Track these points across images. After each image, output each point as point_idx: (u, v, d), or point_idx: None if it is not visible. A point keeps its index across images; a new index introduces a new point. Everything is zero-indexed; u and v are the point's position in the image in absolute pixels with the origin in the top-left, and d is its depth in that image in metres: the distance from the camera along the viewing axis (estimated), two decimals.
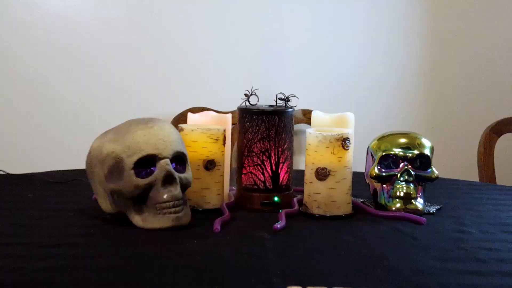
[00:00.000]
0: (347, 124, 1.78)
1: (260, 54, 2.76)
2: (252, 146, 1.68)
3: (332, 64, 2.90)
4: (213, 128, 1.64)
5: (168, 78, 2.74)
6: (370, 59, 2.94)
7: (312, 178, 1.62)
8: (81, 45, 2.65)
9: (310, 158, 1.63)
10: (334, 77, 2.92)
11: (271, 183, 1.69)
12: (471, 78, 3.02)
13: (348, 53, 2.91)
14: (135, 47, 2.71)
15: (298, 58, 2.86)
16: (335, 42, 2.90)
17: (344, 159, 1.62)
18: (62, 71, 2.65)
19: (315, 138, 1.62)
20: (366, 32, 2.91)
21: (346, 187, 1.64)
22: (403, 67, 2.96)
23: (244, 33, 2.75)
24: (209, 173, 1.63)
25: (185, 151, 1.53)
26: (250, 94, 1.73)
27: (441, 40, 2.98)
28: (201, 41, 2.76)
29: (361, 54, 2.92)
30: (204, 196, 1.64)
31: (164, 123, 1.51)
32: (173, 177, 1.47)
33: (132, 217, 1.48)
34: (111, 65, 2.69)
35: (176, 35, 2.74)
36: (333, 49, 2.90)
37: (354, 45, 2.91)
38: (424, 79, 3.00)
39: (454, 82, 3.01)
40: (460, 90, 3.02)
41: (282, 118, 1.68)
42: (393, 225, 1.57)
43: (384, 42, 2.94)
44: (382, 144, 1.72)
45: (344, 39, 2.90)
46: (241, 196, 1.71)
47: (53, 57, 2.64)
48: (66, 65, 2.65)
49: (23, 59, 2.60)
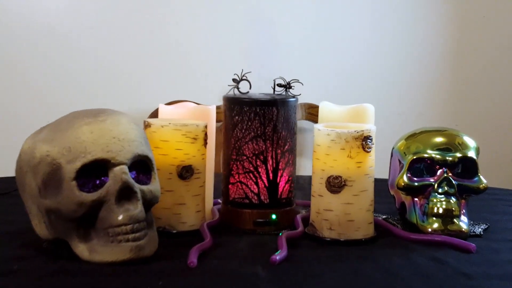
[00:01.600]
0: (365, 118, 1.38)
1: (254, 30, 2.33)
2: (243, 148, 1.27)
3: (340, 47, 2.48)
4: (191, 124, 1.24)
5: (142, 65, 2.35)
6: (385, 43, 2.52)
7: (322, 190, 1.22)
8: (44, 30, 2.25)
9: (319, 163, 1.23)
10: (342, 62, 2.50)
11: (267, 196, 1.28)
12: (504, 67, 2.58)
13: (358, 35, 2.49)
14: (105, 31, 2.30)
15: (301, 38, 2.43)
16: (344, 20, 2.46)
17: (365, 164, 1.21)
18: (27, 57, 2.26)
19: (326, 136, 1.21)
20: (381, 10, 2.47)
21: (368, 202, 1.23)
22: (422, 53, 2.57)
23: (233, 5, 2.33)
24: (185, 184, 1.23)
25: (150, 154, 1.12)
26: (240, 79, 1.32)
27: (467, 22, 2.53)
28: (182, 16, 2.34)
29: (374, 37, 2.50)
30: (179, 214, 1.24)
31: (121, 116, 1.11)
32: (132, 191, 1.06)
33: (75, 246, 1.07)
34: (78, 52, 2.31)
35: (154, 14, 2.32)
36: (341, 29, 2.46)
37: (366, 26, 2.49)
38: (447, 66, 2.59)
39: (484, 71, 2.56)
40: (491, 81, 2.58)
41: (282, 110, 1.28)
42: (432, 254, 1.18)
43: (402, 23, 2.52)
44: (412, 144, 1.32)
45: (354, 17, 2.47)
46: (228, 213, 1.30)
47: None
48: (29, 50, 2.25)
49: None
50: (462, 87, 2.61)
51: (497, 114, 2.62)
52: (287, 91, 1.33)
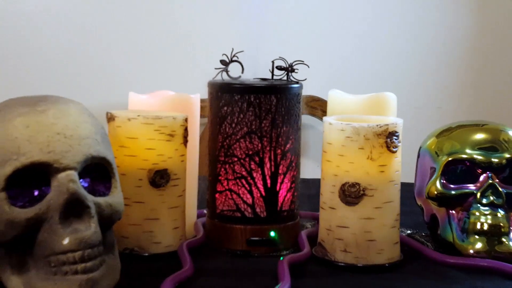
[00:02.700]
0: (385, 110, 1.11)
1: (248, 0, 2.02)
2: (233, 147, 1.01)
3: (352, 28, 2.14)
4: (166, 116, 0.97)
5: (114, 46, 2.03)
6: (405, 22, 2.18)
7: (335, 201, 0.95)
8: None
9: (330, 166, 0.96)
10: (352, 46, 2.15)
11: (264, 208, 1.01)
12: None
13: (373, 15, 2.16)
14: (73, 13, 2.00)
15: (305, 13, 2.09)
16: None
17: (390, 168, 0.95)
18: None
19: (340, 132, 0.95)
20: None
21: (393, 217, 0.97)
22: (448, 36, 2.23)
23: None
24: (159, 193, 0.96)
25: (110, 156, 0.85)
26: (229, 60, 1.05)
27: (492, 7, 2.25)
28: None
29: (391, 16, 2.17)
30: (151, 232, 0.97)
31: (69, 105, 0.84)
32: (84, 205, 0.79)
33: (7, 280, 0.80)
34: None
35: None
36: (355, 5, 2.14)
37: (381, 4, 2.16)
38: (475, 52, 2.27)
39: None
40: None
41: (283, 99, 1.01)
42: (474, 284, 0.91)
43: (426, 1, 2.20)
44: (446, 142, 1.06)
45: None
46: (215, 230, 1.03)
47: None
48: None
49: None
50: (488, 78, 2.31)
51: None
52: (289, 75, 1.05)
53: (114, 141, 0.96)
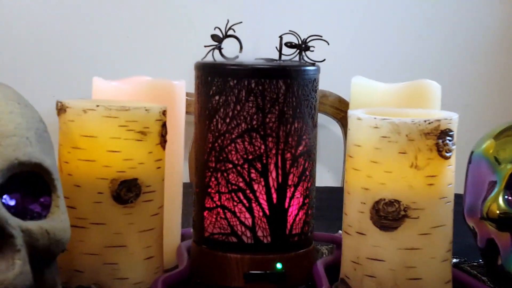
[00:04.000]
0: (427, 102, 0.86)
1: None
2: (227, 149, 0.75)
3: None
4: (136, 107, 0.72)
5: (84, 28, 1.74)
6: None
7: (365, 225, 0.71)
8: None
9: (359, 177, 0.71)
10: (379, 27, 1.86)
11: (268, 232, 0.77)
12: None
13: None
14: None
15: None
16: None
17: (442, 180, 0.70)
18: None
19: (373, 130, 0.70)
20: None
21: (445, 246, 0.72)
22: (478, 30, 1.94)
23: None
24: (127, 211, 0.72)
25: (48, 162, 0.60)
26: (224, 35, 0.80)
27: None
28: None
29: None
30: (115, 264, 0.73)
31: None
32: (3, 233, 0.54)
33: None
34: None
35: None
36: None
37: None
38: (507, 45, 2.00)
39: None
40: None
41: (295, 85, 0.76)
42: None
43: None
44: (509, 146, 0.80)
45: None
46: (202, 259, 0.78)
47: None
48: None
49: None
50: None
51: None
52: (302, 54, 0.80)
53: (66, 140, 0.72)
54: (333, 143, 1.84)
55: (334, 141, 1.85)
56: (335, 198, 1.14)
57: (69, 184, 0.71)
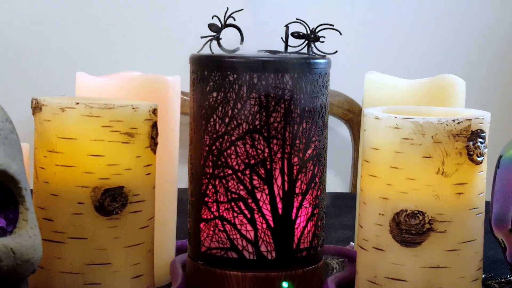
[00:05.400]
0: (450, 99, 0.78)
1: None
2: (226, 153, 0.67)
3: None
4: (122, 105, 0.63)
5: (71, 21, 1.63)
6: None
7: (383, 239, 0.62)
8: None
9: (377, 185, 0.63)
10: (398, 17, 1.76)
11: (273, 247, 0.68)
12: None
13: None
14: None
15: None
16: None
17: (472, 188, 0.62)
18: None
19: (394, 131, 0.61)
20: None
21: (475, 264, 0.63)
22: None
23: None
24: (111, 223, 0.64)
25: (15, 168, 0.51)
26: (223, 25, 0.71)
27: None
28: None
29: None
30: (97, 284, 0.63)
31: None
32: None
33: None
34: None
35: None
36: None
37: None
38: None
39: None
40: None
41: (303, 80, 0.68)
42: None
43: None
44: None
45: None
46: (198, 276, 0.70)
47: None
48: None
49: None
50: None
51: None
52: (310, 46, 0.71)
53: (42, 143, 0.63)
54: (340, 145, 1.75)
55: (341, 143, 1.76)
56: (343, 205, 1.06)
57: (46, 193, 0.63)
